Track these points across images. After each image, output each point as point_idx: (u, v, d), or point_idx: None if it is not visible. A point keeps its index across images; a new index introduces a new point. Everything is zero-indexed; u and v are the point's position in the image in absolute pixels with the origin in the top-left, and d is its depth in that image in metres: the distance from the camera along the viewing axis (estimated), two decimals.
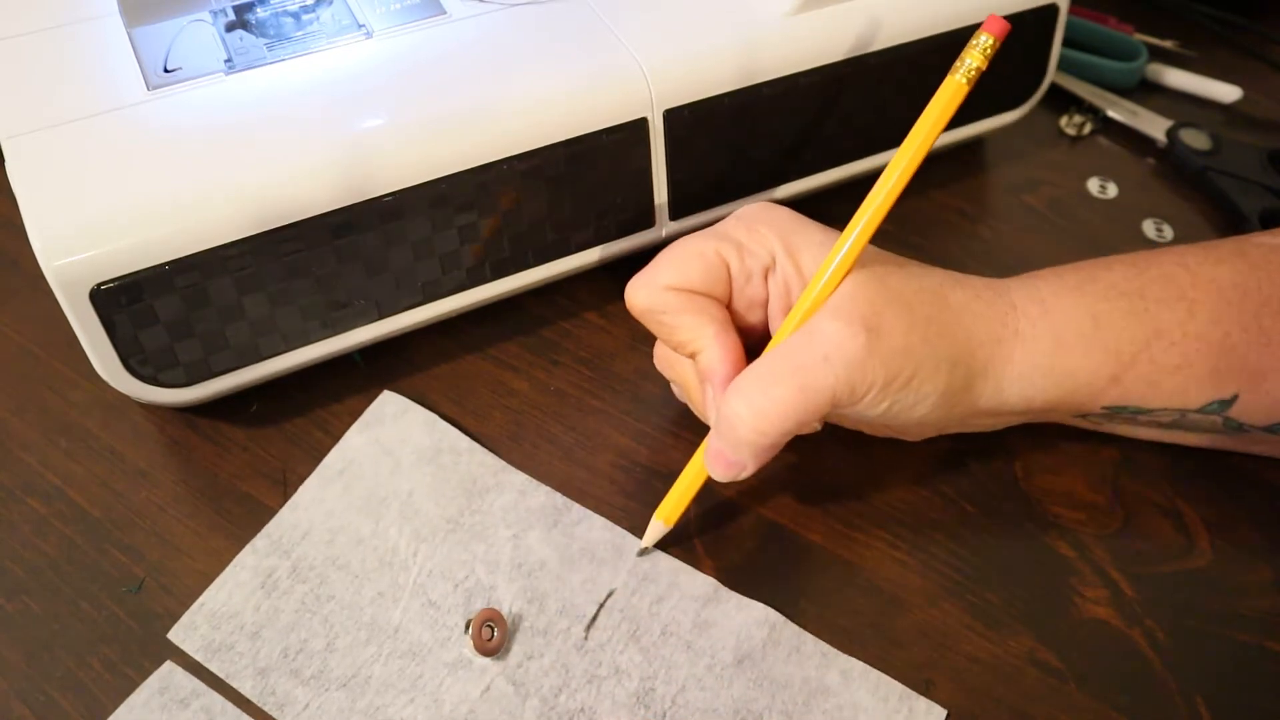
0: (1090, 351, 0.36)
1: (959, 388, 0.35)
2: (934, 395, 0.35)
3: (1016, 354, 0.36)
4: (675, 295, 0.35)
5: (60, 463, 0.40)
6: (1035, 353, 0.36)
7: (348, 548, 0.37)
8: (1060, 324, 0.36)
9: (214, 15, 0.42)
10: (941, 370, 0.34)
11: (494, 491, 0.39)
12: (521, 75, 0.40)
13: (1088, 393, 0.36)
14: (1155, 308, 0.36)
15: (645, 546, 0.37)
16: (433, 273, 0.40)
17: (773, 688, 0.34)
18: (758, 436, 0.33)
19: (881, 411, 0.34)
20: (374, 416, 0.41)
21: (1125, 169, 0.53)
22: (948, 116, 0.34)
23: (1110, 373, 0.36)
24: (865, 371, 0.33)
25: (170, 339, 0.37)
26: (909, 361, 0.34)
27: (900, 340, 0.33)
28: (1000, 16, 0.33)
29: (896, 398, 0.34)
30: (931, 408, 0.35)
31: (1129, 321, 0.36)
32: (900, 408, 0.34)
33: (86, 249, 0.34)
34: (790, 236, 0.36)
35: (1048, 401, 0.36)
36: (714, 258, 0.35)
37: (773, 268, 0.36)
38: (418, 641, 0.35)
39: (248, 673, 0.34)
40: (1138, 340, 0.36)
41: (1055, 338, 0.36)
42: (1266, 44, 0.58)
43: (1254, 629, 0.36)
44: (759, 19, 0.42)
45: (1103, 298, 0.36)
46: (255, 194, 0.36)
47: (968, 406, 0.36)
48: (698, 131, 0.42)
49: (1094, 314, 0.36)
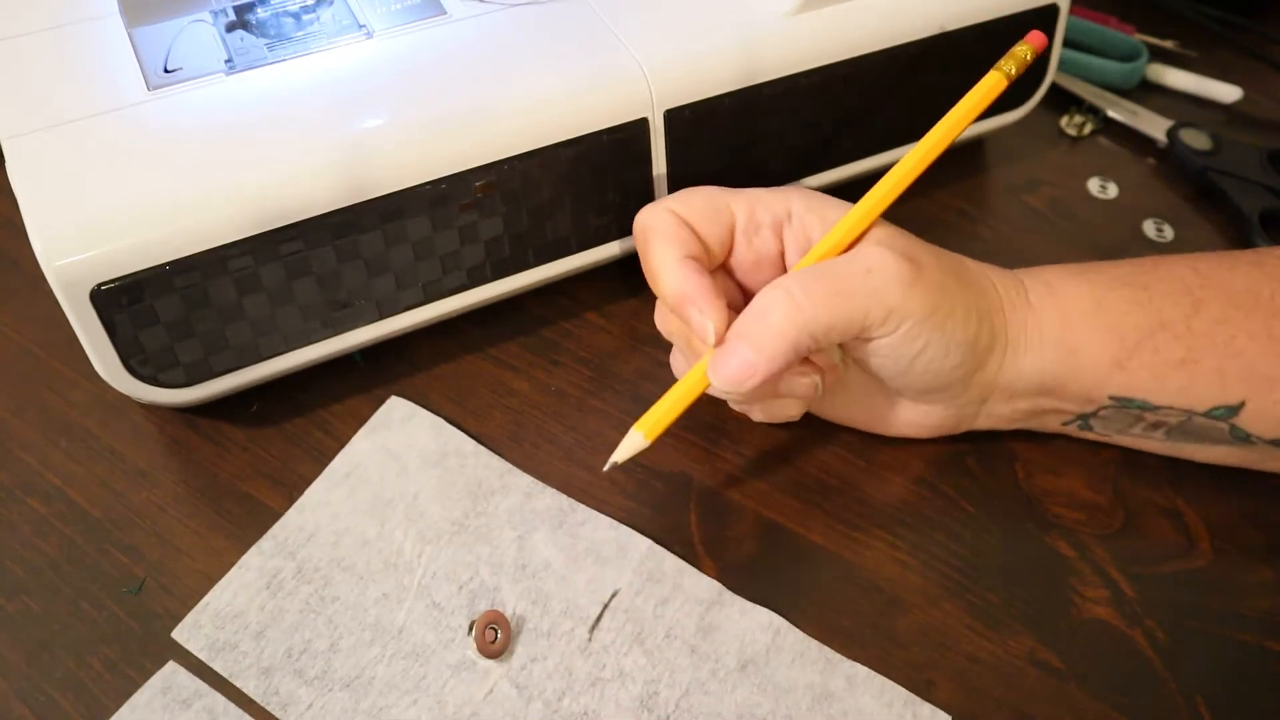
0: (1095, 330, 0.36)
1: (984, 345, 0.35)
2: (964, 345, 0.35)
3: (1030, 322, 0.36)
4: (670, 217, 0.36)
5: (60, 463, 0.40)
6: (1044, 324, 0.36)
7: (353, 549, 0.37)
8: (1066, 303, 0.36)
9: (214, 15, 0.42)
10: (972, 318, 0.35)
11: (499, 494, 0.39)
12: (521, 75, 0.40)
13: (1093, 375, 0.36)
14: (1160, 300, 0.36)
15: (616, 461, 0.35)
16: (433, 273, 0.40)
17: (776, 693, 0.34)
18: (788, 328, 0.33)
19: (916, 352, 0.34)
20: (381, 421, 0.41)
21: (1125, 169, 0.53)
22: (983, 106, 0.36)
23: (1114, 356, 0.36)
24: (906, 296, 0.33)
25: (170, 339, 0.37)
26: (946, 298, 0.34)
27: (937, 277, 0.34)
28: (1042, 33, 0.37)
29: (931, 337, 0.34)
30: (959, 361, 0.35)
31: (1132, 309, 0.36)
32: (934, 353, 0.34)
33: (87, 249, 0.34)
34: (812, 197, 0.37)
35: (1056, 377, 0.36)
36: (719, 200, 0.36)
37: (788, 220, 0.36)
38: (421, 643, 0.35)
39: (251, 672, 0.34)
40: (1141, 328, 0.36)
41: (1062, 314, 0.36)
42: (1266, 44, 0.58)
43: (1254, 629, 0.36)
44: (759, 19, 0.42)
45: (1107, 286, 0.37)
46: (255, 194, 0.36)
47: (987, 377, 0.36)
48: (698, 131, 0.42)
49: (1098, 299, 0.36)
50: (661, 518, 0.39)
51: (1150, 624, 0.36)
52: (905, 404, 0.39)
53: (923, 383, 0.36)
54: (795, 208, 0.36)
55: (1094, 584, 0.37)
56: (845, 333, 0.34)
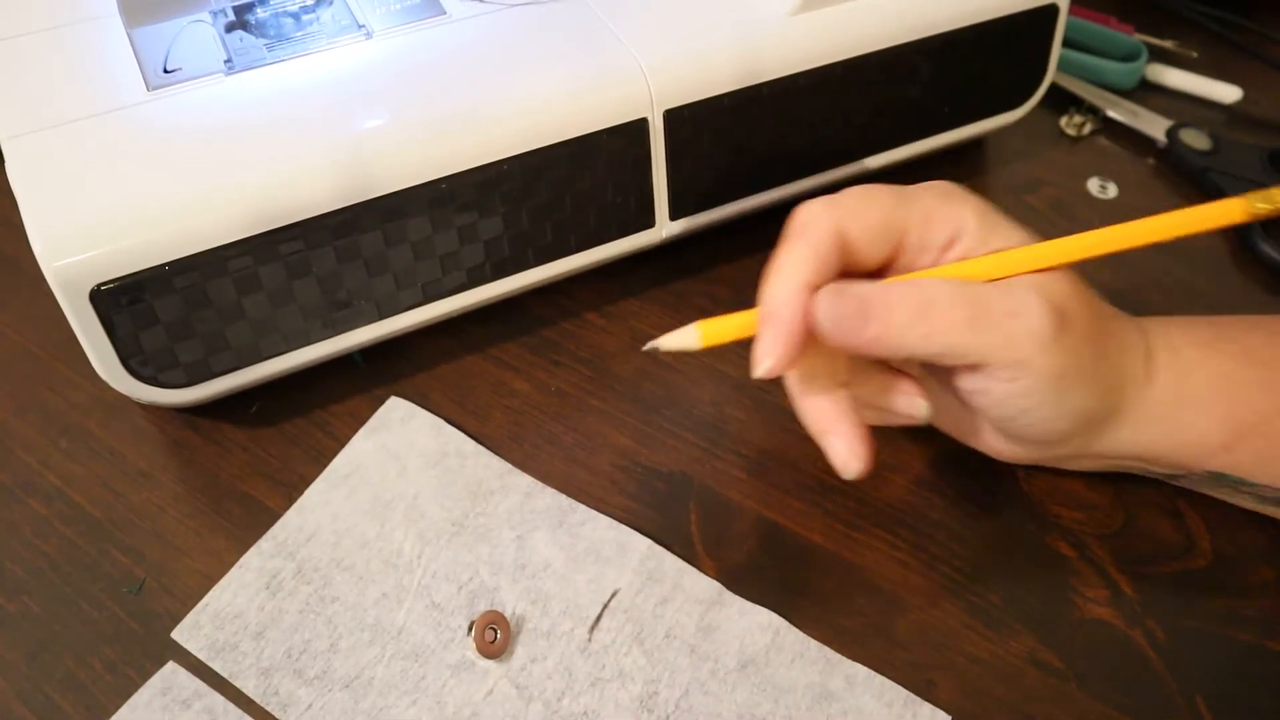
0: (1210, 410, 0.34)
1: (1097, 419, 0.34)
2: (1077, 415, 0.33)
3: (1143, 399, 0.34)
4: (829, 234, 0.32)
5: (60, 463, 0.40)
6: (1157, 401, 0.34)
7: (352, 550, 0.37)
8: (1185, 376, 0.34)
9: (214, 16, 0.42)
10: (1094, 392, 0.33)
11: (499, 494, 0.39)
12: (521, 75, 0.40)
13: (1196, 453, 0.35)
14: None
15: (659, 346, 0.33)
16: (433, 273, 0.40)
17: (776, 693, 0.34)
18: (912, 336, 0.31)
19: (1026, 409, 0.33)
20: (380, 421, 0.41)
21: (1125, 169, 0.53)
22: (1208, 226, 0.33)
23: (1222, 440, 0.34)
24: (1038, 354, 0.31)
25: (170, 339, 0.37)
26: (1077, 366, 0.32)
27: (1077, 342, 0.32)
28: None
29: (1046, 399, 0.32)
30: (1067, 427, 0.34)
31: (1256, 392, 0.34)
32: (1044, 414, 0.33)
33: (86, 249, 0.34)
34: (988, 215, 0.33)
35: (1157, 453, 0.35)
36: (896, 221, 0.33)
37: (958, 239, 0.33)
38: (421, 643, 0.35)
39: (251, 673, 0.34)
40: (1260, 412, 0.34)
41: (1178, 392, 0.34)
42: (1266, 44, 0.58)
43: (1254, 629, 0.36)
44: (759, 19, 0.42)
45: (1234, 359, 0.35)
46: (255, 194, 0.36)
47: (1088, 442, 0.35)
48: (698, 131, 0.42)
49: (1222, 374, 0.34)
50: (661, 518, 0.39)
51: (1150, 624, 0.36)
52: (993, 431, 0.36)
53: (1018, 430, 0.34)
54: (968, 227, 0.33)
55: (1094, 584, 0.37)
56: (962, 361, 0.32)
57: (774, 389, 0.43)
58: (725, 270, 0.48)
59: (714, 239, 0.48)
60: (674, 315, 0.46)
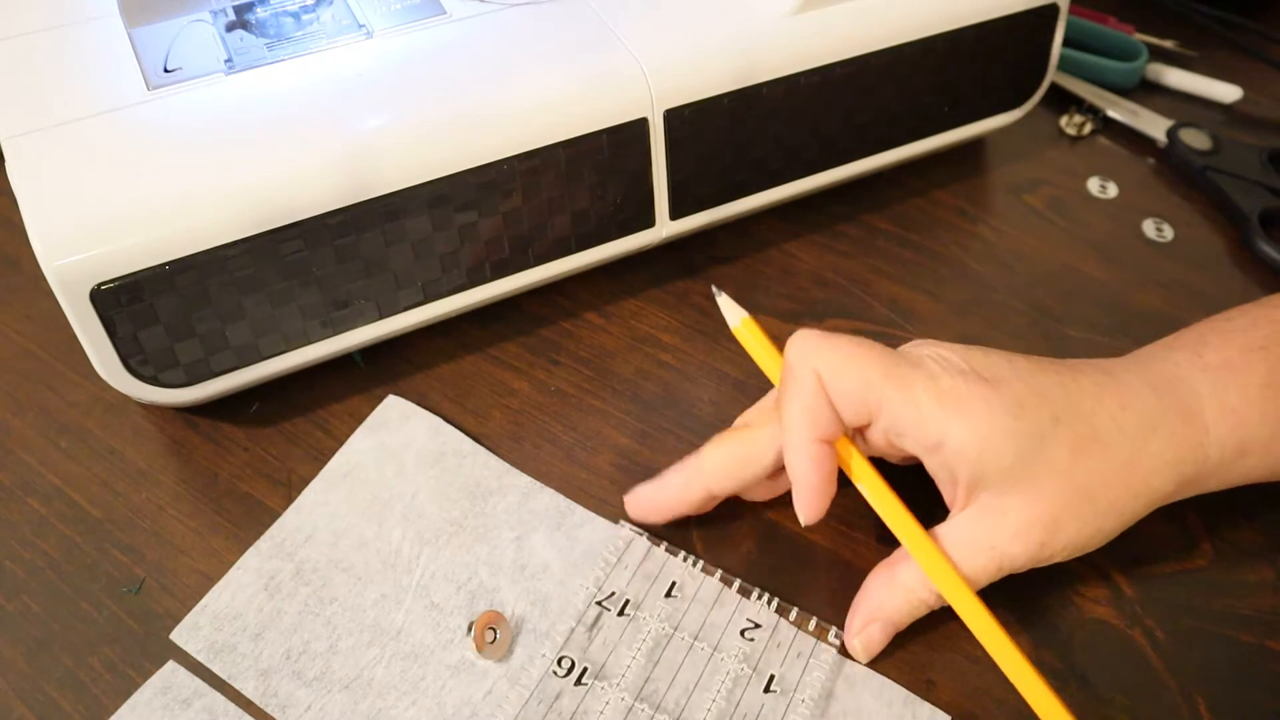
0: (1271, 453, 0.35)
1: (1136, 519, 0.35)
2: (1101, 539, 0.34)
3: (1202, 475, 0.35)
4: (815, 392, 0.33)
5: (60, 463, 0.40)
6: (1220, 466, 0.35)
7: (351, 550, 0.37)
8: (1247, 433, 0.34)
9: (214, 15, 0.42)
10: (1112, 532, 0.34)
11: (497, 494, 0.39)
12: (521, 75, 0.40)
13: (1260, 475, 0.36)
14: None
15: (720, 293, 0.38)
16: (433, 273, 0.40)
17: (776, 693, 0.34)
18: (900, 617, 0.34)
19: (1046, 557, 0.34)
20: (379, 420, 0.41)
21: (1125, 169, 0.53)
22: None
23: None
24: (1033, 557, 0.33)
25: (170, 339, 0.37)
26: (1077, 547, 0.34)
27: (1072, 539, 0.34)
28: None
29: (1052, 556, 0.34)
30: (1097, 544, 0.35)
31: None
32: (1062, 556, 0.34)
33: (86, 249, 0.34)
34: (974, 439, 0.32)
35: (1209, 490, 0.36)
36: (873, 394, 0.33)
37: (935, 450, 0.33)
38: (420, 644, 0.35)
39: (250, 674, 0.34)
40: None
41: (1239, 447, 0.34)
42: (1266, 44, 0.58)
43: (1254, 629, 0.36)
44: (759, 19, 0.42)
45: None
46: (255, 194, 0.36)
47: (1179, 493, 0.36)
48: (698, 131, 0.42)
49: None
50: None
51: (1150, 624, 0.36)
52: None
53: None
54: (951, 443, 0.32)
55: (1094, 584, 0.37)
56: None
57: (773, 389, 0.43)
58: (725, 270, 0.48)
59: (714, 239, 0.48)
60: (674, 315, 0.46)
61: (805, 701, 0.34)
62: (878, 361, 0.33)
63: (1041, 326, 0.45)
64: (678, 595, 0.36)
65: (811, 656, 0.35)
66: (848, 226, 0.50)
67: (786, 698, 0.34)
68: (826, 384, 0.33)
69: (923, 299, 0.46)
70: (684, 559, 0.37)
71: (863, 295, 0.47)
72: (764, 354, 0.37)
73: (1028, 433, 0.32)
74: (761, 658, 0.35)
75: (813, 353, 0.34)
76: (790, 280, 0.47)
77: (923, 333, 0.45)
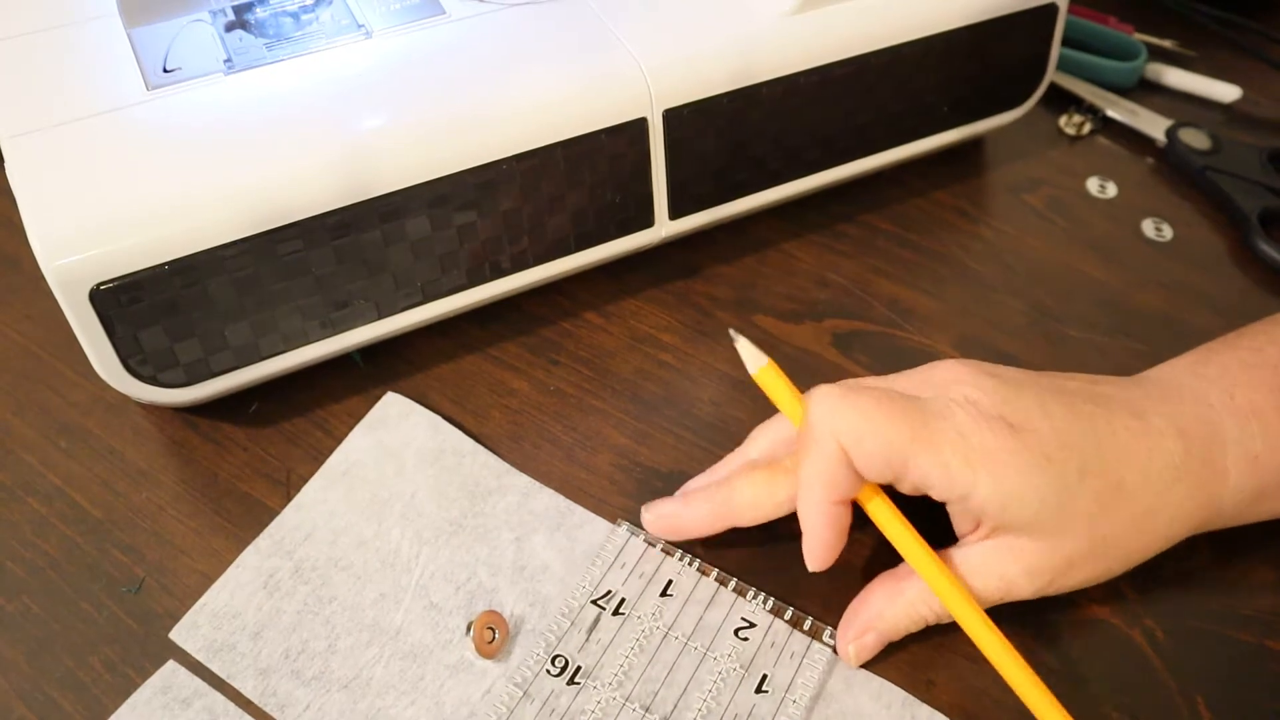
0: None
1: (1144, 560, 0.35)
2: (1108, 577, 0.35)
3: (1217, 520, 0.35)
4: (836, 457, 0.33)
5: (60, 463, 0.40)
6: (1235, 511, 0.35)
7: (350, 549, 0.37)
8: (1266, 479, 0.34)
9: (213, 15, 0.42)
10: (1119, 572, 0.35)
11: (497, 494, 0.39)
12: (521, 75, 0.40)
13: (1276, 514, 0.36)
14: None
15: (737, 337, 0.35)
16: (432, 273, 0.40)
17: (775, 693, 0.34)
18: (902, 627, 0.34)
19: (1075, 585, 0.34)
20: (378, 418, 0.41)
21: (1125, 169, 0.53)
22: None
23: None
24: (1038, 591, 0.34)
25: (170, 339, 0.37)
26: (1083, 583, 0.34)
27: (1082, 580, 0.34)
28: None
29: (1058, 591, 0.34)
30: (1102, 580, 0.35)
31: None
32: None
33: (86, 249, 0.34)
34: (997, 493, 0.32)
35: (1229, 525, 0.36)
36: (896, 455, 0.32)
37: (962, 502, 0.33)
38: (419, 643, 0.35)
39: (249, 673, 0.34)
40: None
41: (1258, 491, 0.35)
42: (1266, 44, 0.58)
43: (1254, 629, 0.36)
44: (758, 19, 0.42)
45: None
46: (255, 194, 0.36)
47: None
48: (697, 131, 0.42)
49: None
50: None
51: (1150, 624, 0.36)
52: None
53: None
54: (977, 498, 0.32)
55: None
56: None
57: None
58: (724, 270, 0.48)
59: (714, 239, 0.48)
60: (673, 315, 0.46)
61: (796, 702, 0.34)
62: (903, 423, 0.32)
63: (1041, 326, 0.45)
64: (673, 594, 0.36)
65: (805, 657, 0.35)
66: (848, 226, 0.50)
67: (778, 698, 0.34)
68: (849, 449, 0.32)
69: (923, 299, 0.47)
70: (680, 558, 0.37)
71: (863, 295, 0.47)
72: (786, 400, 0.35)
73: (1054, 486, 0.32)
74: (754, 658, 0.35)
75: (834, 417, 0.32)
76: (790, 280, 0.47)
77: (923, 333, 0.45)
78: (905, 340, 0.45)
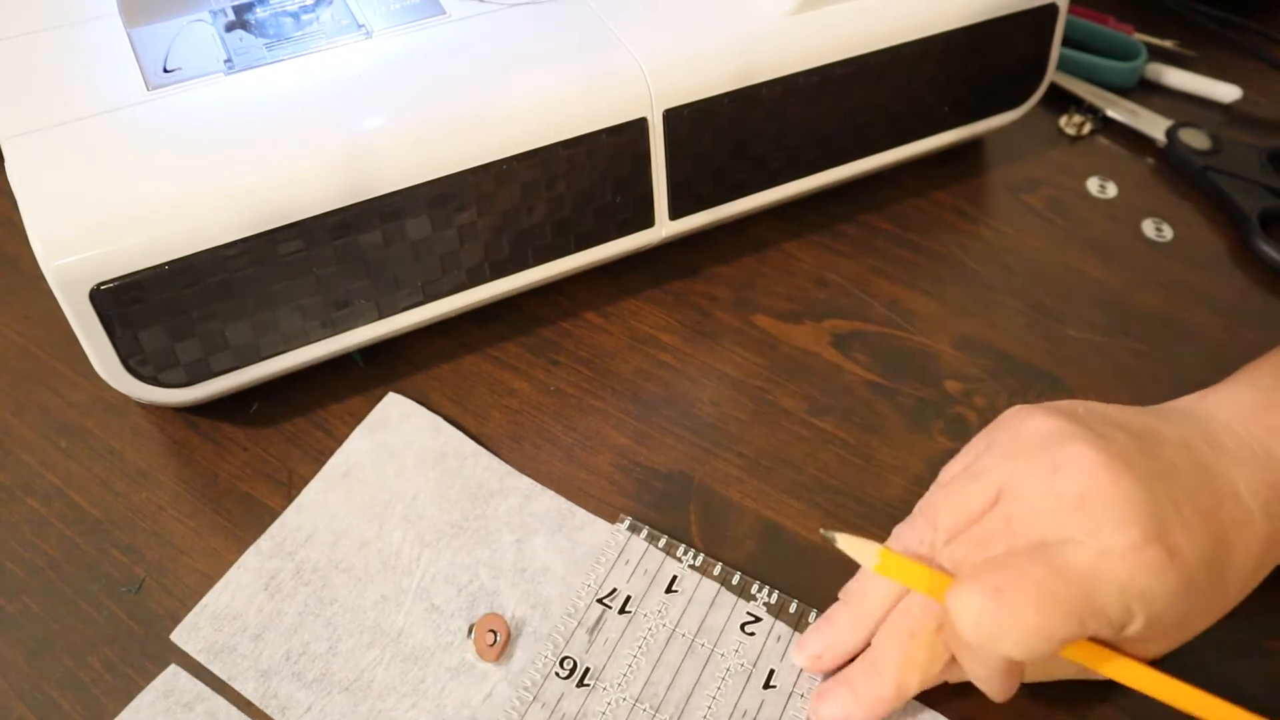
0: None
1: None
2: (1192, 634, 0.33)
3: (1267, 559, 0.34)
4: (1003, 665, 0.31)
5: (60, 463, 0.40)
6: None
7: (351, 551, 0.37)
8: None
9: (214, 15, 0.42)
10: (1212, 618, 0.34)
11: (498, 496, 0.39)
12: (521, 75, 0.40)
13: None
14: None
15: (834, 537, 0.33)
16: (432, 273, 0.40)
17: (777, 694, 0.34)
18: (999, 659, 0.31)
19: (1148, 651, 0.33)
20: (379, 419, 0.41)
21: (1125, 169, 0.53)
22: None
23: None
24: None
25: (170, 339, 0.37)
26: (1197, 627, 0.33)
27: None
28: None
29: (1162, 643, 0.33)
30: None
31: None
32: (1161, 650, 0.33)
33: (86, 249, 0.34)
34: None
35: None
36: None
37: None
38: (420, 645, 0.35)
39: (250, 675, 0.34)
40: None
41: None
42: (1266, 44, 0.58)
43: (1254, 629, 0.36)
44: (758, 19, 0.42)
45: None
46: (255, 194, 0.36)
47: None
48: (697, 131, 0.42)
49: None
50: (661, 518, 0.39)
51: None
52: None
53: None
54: (1130, 631, 0.31)
55: None
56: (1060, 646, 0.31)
57: (774, 390, 0.43)
58: (724, 270, 0.48)
59: (714, 239, 0.48)
60: (673, 315, 0.46)
61: (804, 696, 0.34)
62: (1068, 618, 0.30)
63: (1041, 326, 0.45)
64: (678, 590, 0.36)
65: None
66: (847, 226, 0.50)
67: (785, 693, 0.34)
68: (1022, 660, 0.31)
69: (922, 299, 0.47)
70: (683, 555, 0.37)
71: (862, 295, 0.47)
72: (914, 578, 0.33)
73: (1187, 607, 0.32)
74: (761, 653, 0.35)
75: (996, 641, 0.30)
76: (790, 280, 0.47)
77: (922, 332, 0.45)
78: (905, 340, 0.45)
